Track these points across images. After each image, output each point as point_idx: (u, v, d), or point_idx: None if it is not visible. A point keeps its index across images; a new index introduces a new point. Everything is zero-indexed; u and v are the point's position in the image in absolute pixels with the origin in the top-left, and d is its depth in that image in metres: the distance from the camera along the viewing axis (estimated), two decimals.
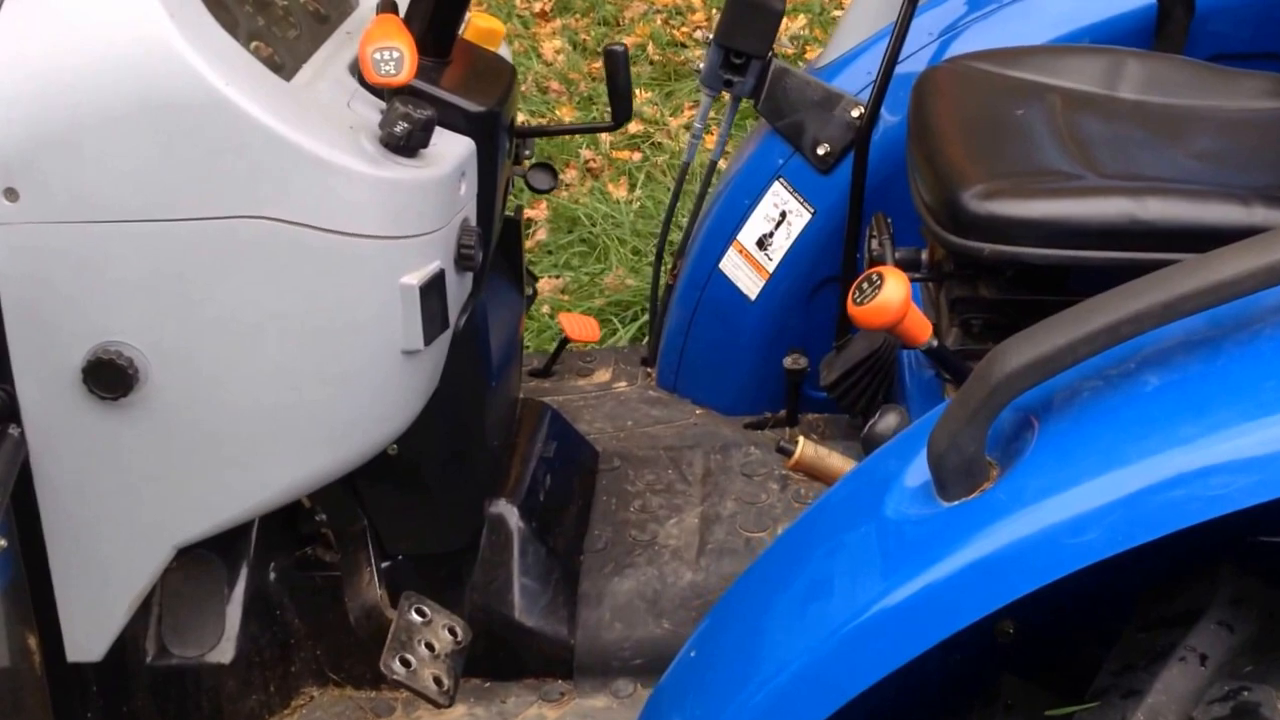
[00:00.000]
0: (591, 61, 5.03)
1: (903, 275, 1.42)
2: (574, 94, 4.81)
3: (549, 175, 1.99)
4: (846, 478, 1.32)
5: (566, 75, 4.90)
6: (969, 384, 1.06)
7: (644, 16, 5.31)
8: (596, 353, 2.55)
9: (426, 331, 1.53)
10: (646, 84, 4.83)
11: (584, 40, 5.17)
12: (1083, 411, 1.07)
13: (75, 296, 1.44)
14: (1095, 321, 1.02)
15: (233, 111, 1.39)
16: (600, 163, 4.34)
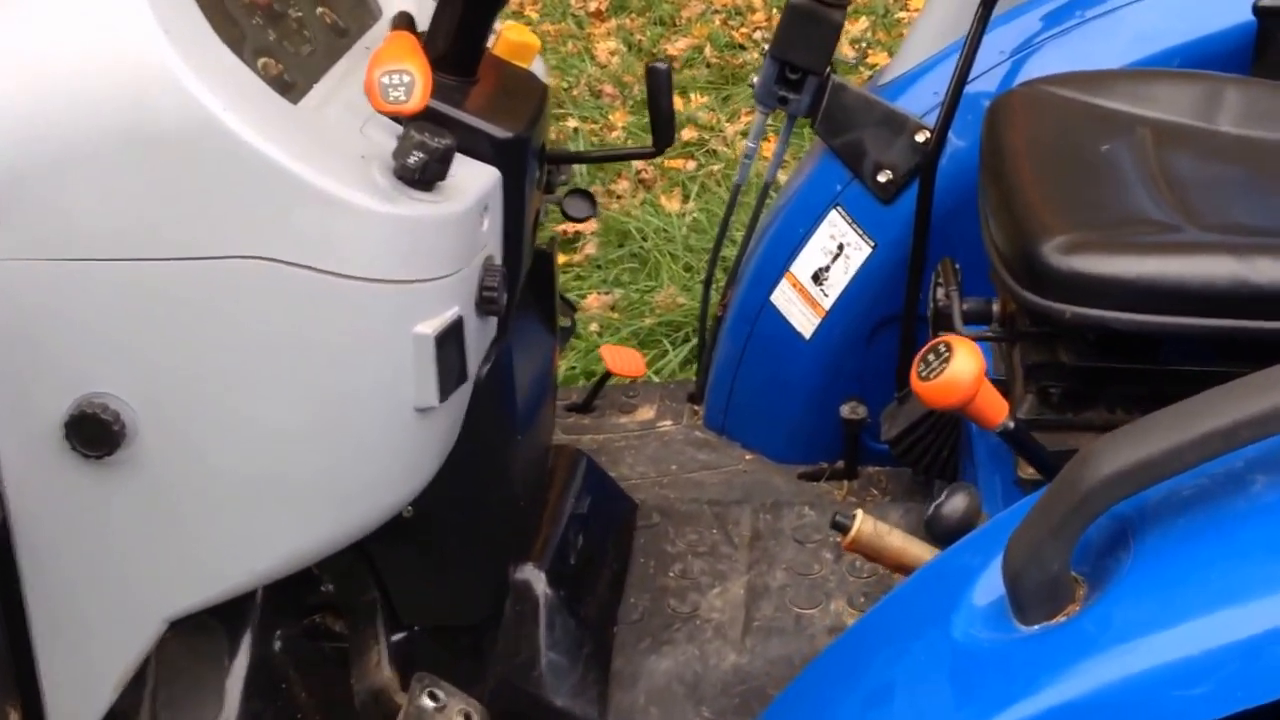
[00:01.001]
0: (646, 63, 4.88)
1: (975, 348, 1.26)
2: (627, 98, 4.67)
3: (587, 203, 1.84)
4: (913, 579, 1.15)
5: (620, 78, 4.75)
6: (1055, 489, 0.90)
7: (702, 17, 5.15)
8: (641, 387, 2.39)
9: (442, 386, 1.38)
10: (703, 88, 4.68)
11: (639, 41, 5.03)
12: (1189, 524, 0.91)
13: (58, 341, 1.30)
14: (1208, 422, 0.86)
15: (230, 140, 1.25)
16: (652, 173, 4.19)
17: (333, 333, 1.33)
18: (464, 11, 1.47)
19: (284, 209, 1.28)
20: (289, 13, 1.52)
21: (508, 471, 1.67)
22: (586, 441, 2.24)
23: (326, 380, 1.35)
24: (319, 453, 1.38)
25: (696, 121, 4.41)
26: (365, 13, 1.65)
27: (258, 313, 1.31)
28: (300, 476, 1.39)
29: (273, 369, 1.34)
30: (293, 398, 1.35)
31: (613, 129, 4.42)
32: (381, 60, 1.27)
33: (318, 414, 1.37)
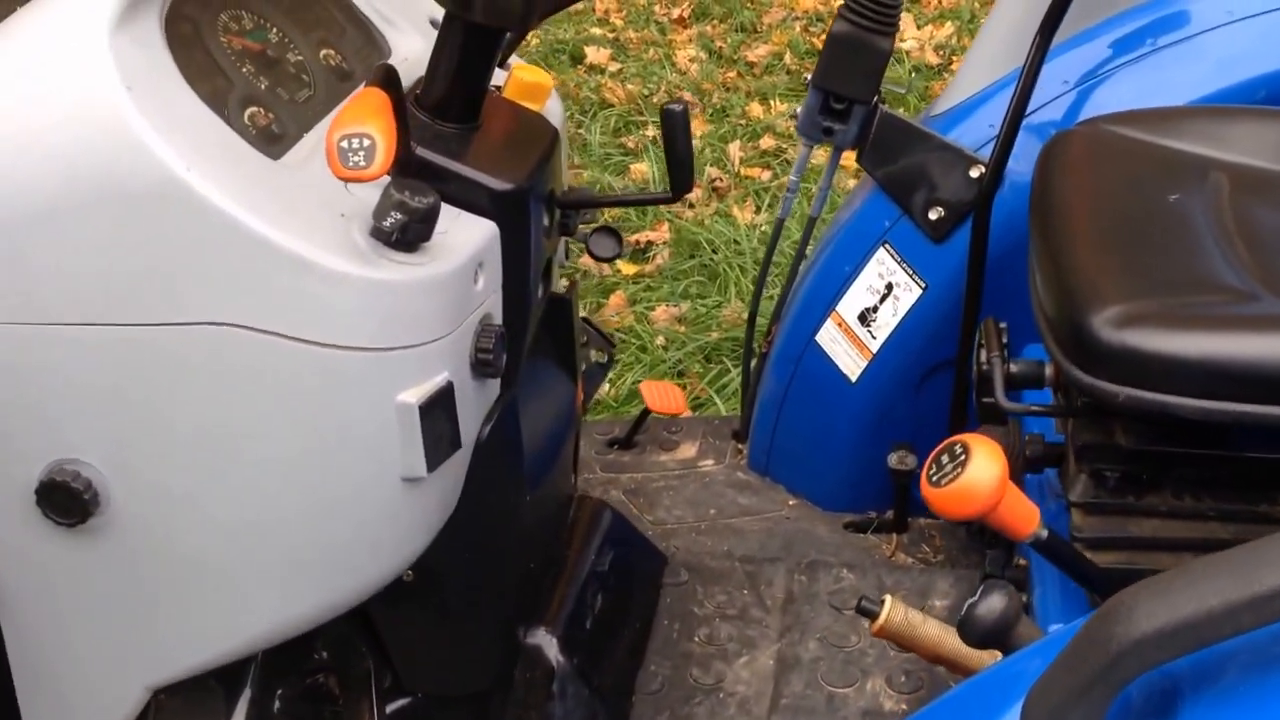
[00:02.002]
0: (726, 70, 4.78)
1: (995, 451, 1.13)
2: (706, 105, 4.56)
3: (613, 241, 1.73)
4: (966, 688, 1.02)
5: (700, 85, 4.65)
6: (1083, 642, 0.77)
7: (783, 23, 5.02)
8: (685, 422, 2.29)
9: (430, 456, 1.30)
10: (782, 95, 4.56)
11: (719, 48, 4.91)
12: (1250, 691, 0.77)
13: (26, 407, 1.25)
14: (1274, 576, 0.71)
15: (195, 200, 1.18)
16: (727, 182, 4.08)
17: (309, 402, 1.26)
18: (461, 56, 1.38)
19: (253, 273, 1.20)
20: (286, 57, 1.44)
21: (517, 531, 1.58)
22: (625, 480, 2.15)
23: (304, 451, 1.28)
24: (299, 525, 1.31)
25: (774, 130, 4.29)
26: (373, 52, 1.57)
27: (229, 381, 1.24)
28: (280, 548, 1.32)
29: (247, 440, 1.27)
30: (269, 469, 1.28)
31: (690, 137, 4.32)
32: (342, 122, 1.19)
33: (296, 486, 1.29)
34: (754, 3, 5.12)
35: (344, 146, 1.18)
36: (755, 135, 4.34)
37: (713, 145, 4.29)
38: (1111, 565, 1.35)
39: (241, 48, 1.39)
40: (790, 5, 5.12)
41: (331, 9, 1.56)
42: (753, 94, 4.61)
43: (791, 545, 1.93)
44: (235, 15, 1.41)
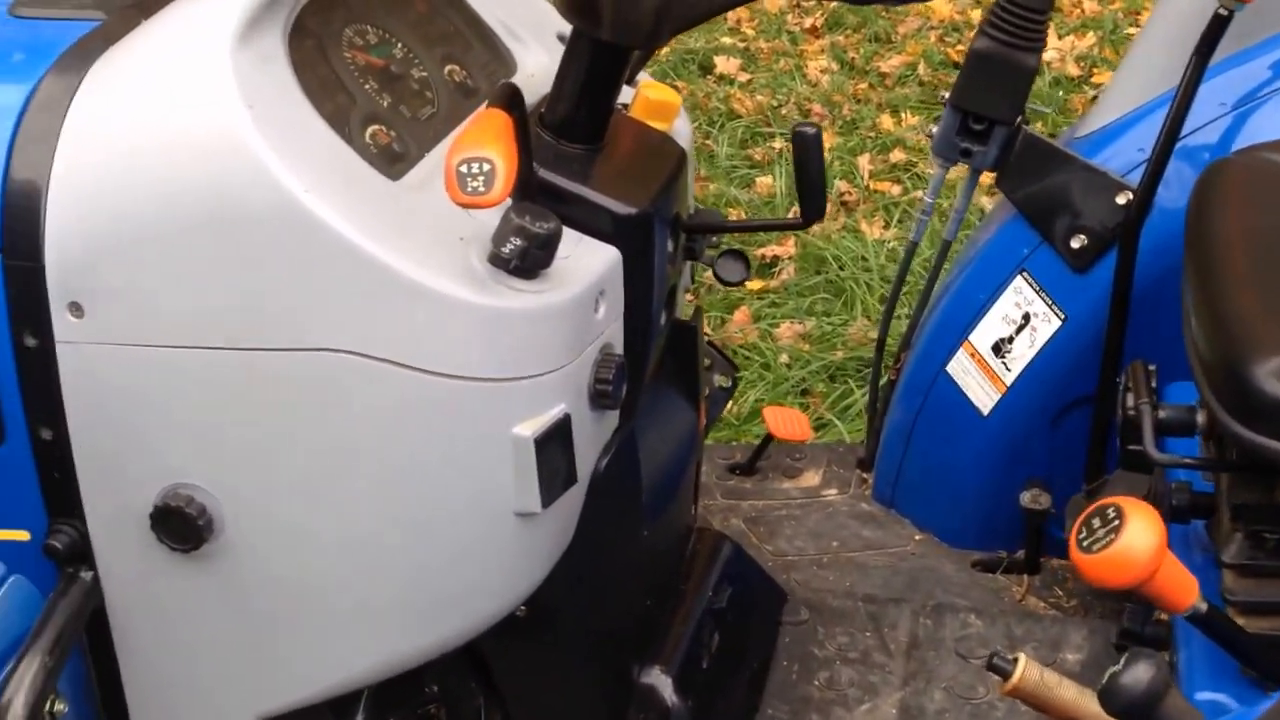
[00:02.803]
0: (857, 82, 4.69)
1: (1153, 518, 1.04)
2: (837, 118, 4.48)
3: (741, 265, 1.67)
4: None
5: (830, 97, 4.57)
6: None
7: (917, 33, 4.91)
8: (808, 448, 2.22)
9: (545, 492, 1.26)
10: (914, 107, 4.46)
11: (852, 59, 4.82)
12: None
13: (146, 429, 1.24)
14: None
15: (313, 225, 1.15)
16: (856, 196, 4.00)
17: (422, 433, 1.22)
18: (587, 74, 1.33)
19: (370, 299, 1.17)
20: (410, 73, 1.41)
21: (633, 567, 1.53)
22: (745, 508, 2.09)
23: (417, 483, 1.25)
24: (410, 558, 1.28)
25: (905, 144, 4.19)
26: (499, 68, 1.53)
27: (343, 409, 1.22)
28: (390, 582, 1.29)
29: (360, 468, 1.24)
30: (381, 500, 1.25)
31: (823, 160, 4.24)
32: (461, 145, 1.15)
33: (408, 518, 1.26)
34: (888, 12, 5.01)
35: (462, 171, 1.14)
36: (886, 148, 4.25)
37: (842, 158, 4.20)
38: (1264, 632, 1.26)
39: (365, 63, 1.37)
40: (926, 14, 5.00)
41: (458, 23, 1.52)
42: (884, 106, 4.51)
43: (916, 583, 1.85)
44: (360, 30, 1.39)
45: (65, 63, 1.21)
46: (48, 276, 1.18)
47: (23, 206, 1.17)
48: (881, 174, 4.10)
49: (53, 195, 1.17)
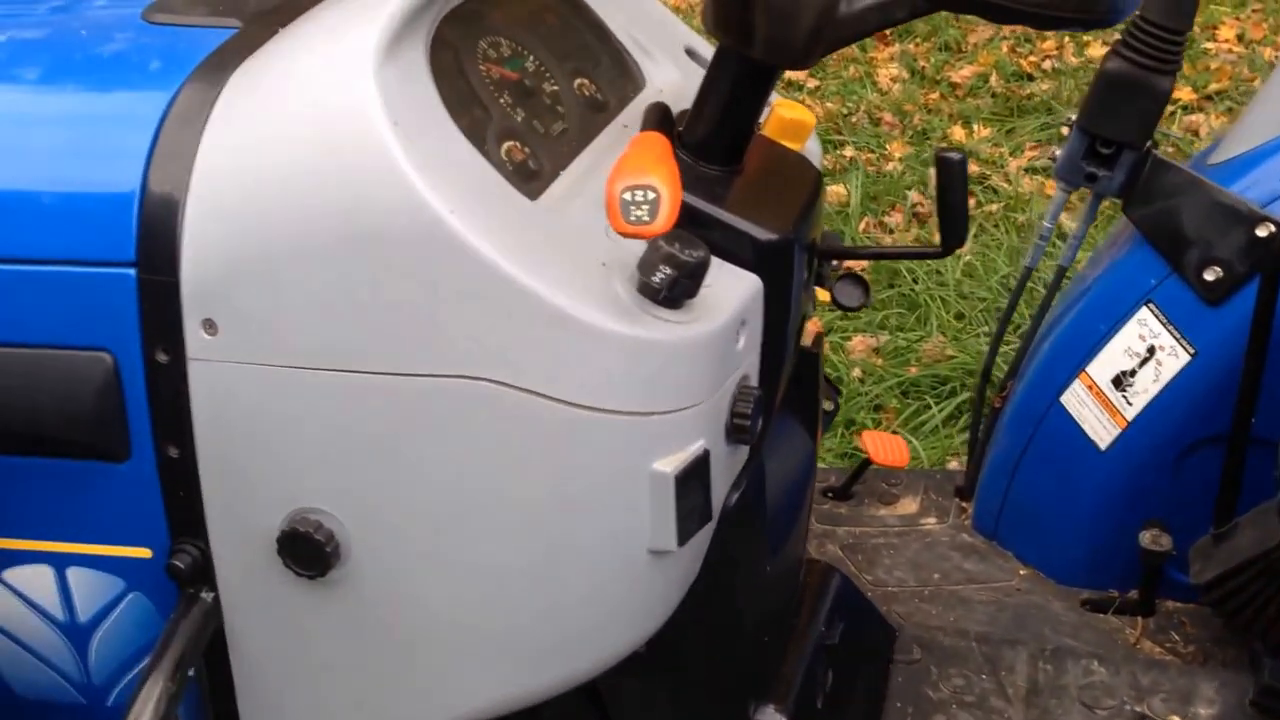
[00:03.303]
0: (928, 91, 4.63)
1: None
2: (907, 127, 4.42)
3: (860, 290, 1.62)
4: None
5: (901, 106, 4.51)
6: None
7: (989, 43, 4.85)
8: (905, 474, 2.16)
9: (681, 529, 1.20)
10: (986, 119, 4.40)
11: (922, 68, 4.76)
12: None
13: (274, 452, 1.20)
14: None
15: (456, 246, 1.10)
16: (928, 208, 3.93)
17: (559, 466, 1.17)
18: (731, 95, 1.28)
19: (514, 327, 1.12)
20: (542, 87, 1.36)
21: (755, 601, 1.48)
22: (841, 534, 2.03)
23: (550, 516, 1.20)
24: (539, 593, 1.23)
25: (978, 156, 4.13)
26: (628, 83, 1.48)
27: (479, 438, 1.16)
28: (518, 616, 1.24)
29: (492, 500, 1.19)
30: (512, 532, 1.20)
31: (889, 159, 4.19)
32: (624, 172, 1.09)
33: (539, 552, 1.21)
34: (959, 21, 4.95)
35: (626, 199, 1.08)
36: None
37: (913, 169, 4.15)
38: None
39: (500, 77, 1.32)
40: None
41: (587, 36, 1.47)
42: (955, 116, 4.45)
43: (1025, 621, 1.79)
44: (494, 42, 1.34)
45: (203, 73, 1.17)
46: (183, 292, 1.14)
47: (160, 221, 1.13)
48: None
49: (190, 210, 1.13)
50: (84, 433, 1.20)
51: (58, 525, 1.26)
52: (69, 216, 1.16)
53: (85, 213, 1.15)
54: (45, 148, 1.18)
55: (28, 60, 1.25)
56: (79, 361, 1.18)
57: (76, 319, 1.17)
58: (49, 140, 1.19)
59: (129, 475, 1.22)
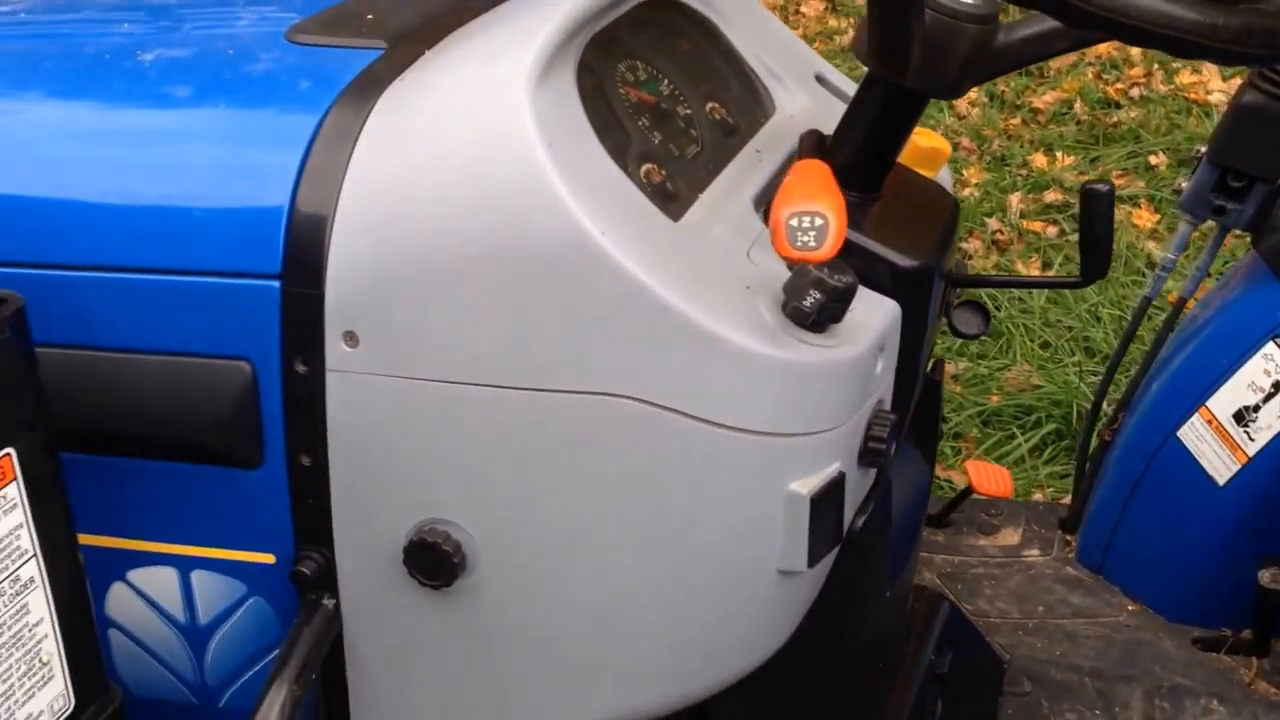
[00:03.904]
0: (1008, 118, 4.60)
1: None
2: (985, 152, 4.39)
3: (979, 317, 1.60)
4: None
5: (980, 130, 4.48)
6: None
7: (1073, 69, 4.81)
8: (1005, 505, 2.14)
9: (813, 550, 1.19)
10: (1070, 147, 4.36)
11: (1002, 93, 4.73)
12: None
13: (406, 463, 1.20)
14: None
15: (606, 265, 1.09)
16: (1009, 235, 3.90)
17: (696, 484, 1.17)
18: (878, 122, 1.27)
19: (658, 346, 1.12)
20: (677, 110, 1.36)
21: (870, 626, 1.46)
22: (940, 562, 2.01)
23: (682, 534, 1.19)
24: (666, 609, 1.22)
25: (1062, 184, 4.09)
26: (757, 109, 1.48)
27: (616, 455, 1.16)
28: (643, 631, 1.23)
29: (624, 515, 1.18)
30: (643, 547, 1.20)
31: (966, 185, 4.16)
32: (791, 198, 1.09)
33: (669, 568, 1.20)
34: None
35: (793, 225, 1.08)
36: (1039, 187, 4.16)
37: (990, 195, 4.12)
38: None
39: (637, 100, 1.32)
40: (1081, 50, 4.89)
41: (718, 61, 1.47)
42: (1036, 143, 4.42)
43: (1134, 657, 1.76)
44: (631, 65, 1.34)
45: (352, 93, 1.18)
46: (326, 305, 1.15)
47: (307, 235, 1.14)
48: (1034, 214, 4.01)
49: (338, 225, 1.13)
50: (219, 439, 1.21)
51: (185, 528, 1.27)
52: (219, 230, 1.17)
53: (235, 226, 1.16)
54: (198, 163, 1.20)
55: (178, 78, 1.27)
56: (219, 370, 1.19)
57: (220, 329, 1.18)
58: (202, 156, 1.20)
59: (259, 482, 1.22)
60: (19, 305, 1.00)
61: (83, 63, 1.32)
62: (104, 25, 1.42)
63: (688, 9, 1.47)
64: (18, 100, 1.29)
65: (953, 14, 1.18)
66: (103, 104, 1.27)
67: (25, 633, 1.08)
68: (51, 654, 1.12)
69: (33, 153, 1.23)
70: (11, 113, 1.28)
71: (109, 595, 1.31)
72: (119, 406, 1.21)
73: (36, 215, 1.20)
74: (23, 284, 1.04)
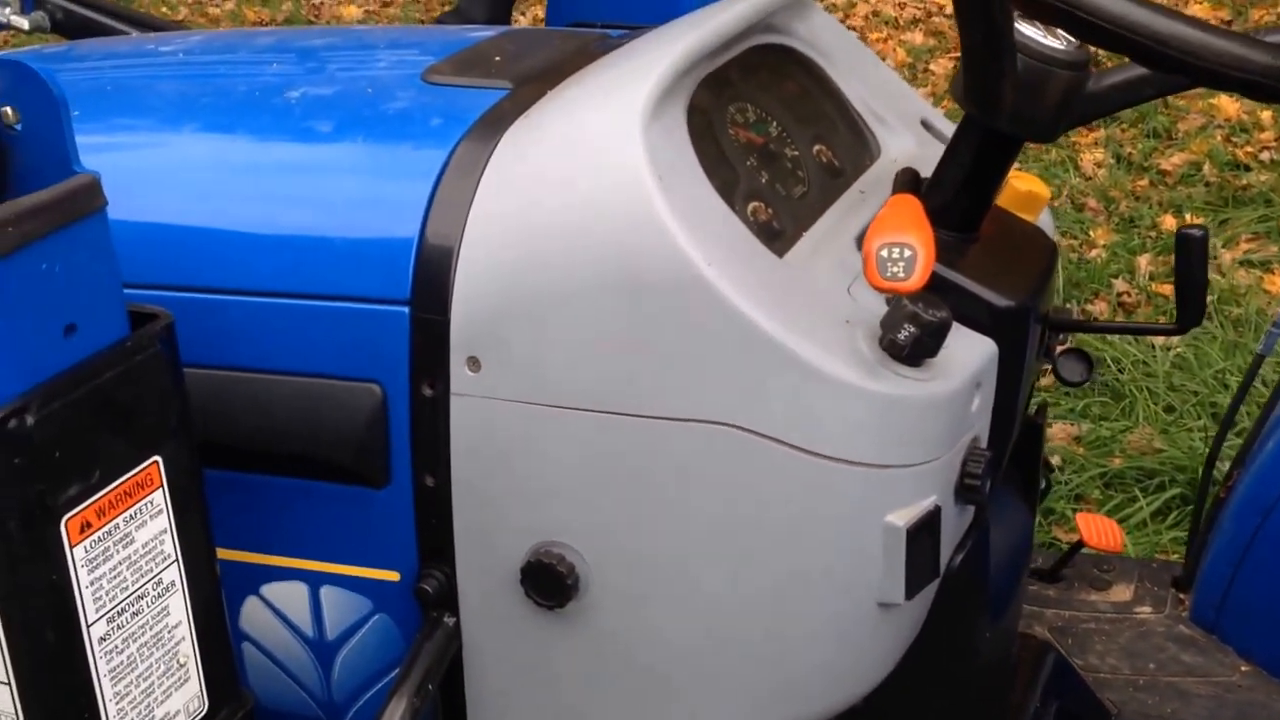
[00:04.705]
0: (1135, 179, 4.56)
1: None
2: (1113, 214, 4.36)
3: (1084, 365, 1.62)
4: None
5: (1106, 192, 4.45)
6: None
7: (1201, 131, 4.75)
8: (1117, 561, 2.12)
9: (910, 583, 1.23)
10: (1199, 209, 4.31)
11: (1129, 154, 4.70)
12: None
13: (524, 485, 1.26)
14: None
15: (713, 298, 1.15)
16: (1136, 297, 3.86)
17: (796, 512, 1.21)
18: (975, 163, 1.31)
19: (762, 376, 1.17)
20: (785, 151, 1.42)
21: (971, 666, 1.48)
22: (1050, 616, 2.00)
23: (783, 561, 1.23)
24: (770, 635, 1.26)
25: None
26: (863, 151, 1.53)
27: (721, 481, 1.21)
28: (746, 657, 1.27)
29: (728, 541, 1.23)
30: (745, 573, 1.24)
31: (1093, 246, 4.13)
32: (882, 230, 1.14)
33: (771, 594, 1.25)
34: (1169, 108, 4.87)
35: (883, 256, 1.13)
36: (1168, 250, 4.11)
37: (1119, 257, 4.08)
38: None
39: (746, 140, 1.38)
40: (1210, 112, 4.84)
41: (826, 104, 1.53)
42: (1165, 205, 4.37)
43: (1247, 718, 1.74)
44: (741, 107, 1.41)
45: (480, 129, 1.26)
46: (451, 330, 1.22)
47: (435, 263, 1.21)
48: (1163, 276, 3.96)
49: (463, 254, 1.21)
50: (351, 458, 1.28)
51: (315, 545, 1.34)
52: (354, 258, 1.25)
53: (368, 255, 1.24)
54: (336, 195, 1.28)
55: (321, 115, 1.36)
56: (352, 391, 1.26)
57: (353, 352, 1.25)
58: (340, 188, 1.29)
59: (386, 501, 1.29)
60: (169, 321, 1.09)
61: (234, 100, 1.42)
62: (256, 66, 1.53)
63: (797, 54, 1.53)
64: (175, 134, 1.40)
65: (1045, 60, 1.22)
66: (251, 138, 1.37)
67: (165, 634, 1.15)
68: (188, 656, 1.18)
69: (187, 183, 1.33)
70: (169, 145, 1.39)
71: (244, 609, 1.39)
72: (257, 424, 1.29)
73: (187, 242, 1.29)
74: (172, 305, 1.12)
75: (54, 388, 0.99)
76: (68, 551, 1.03)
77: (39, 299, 0.98)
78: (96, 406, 1.03)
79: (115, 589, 1.09)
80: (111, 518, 1.07)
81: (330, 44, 1.61)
